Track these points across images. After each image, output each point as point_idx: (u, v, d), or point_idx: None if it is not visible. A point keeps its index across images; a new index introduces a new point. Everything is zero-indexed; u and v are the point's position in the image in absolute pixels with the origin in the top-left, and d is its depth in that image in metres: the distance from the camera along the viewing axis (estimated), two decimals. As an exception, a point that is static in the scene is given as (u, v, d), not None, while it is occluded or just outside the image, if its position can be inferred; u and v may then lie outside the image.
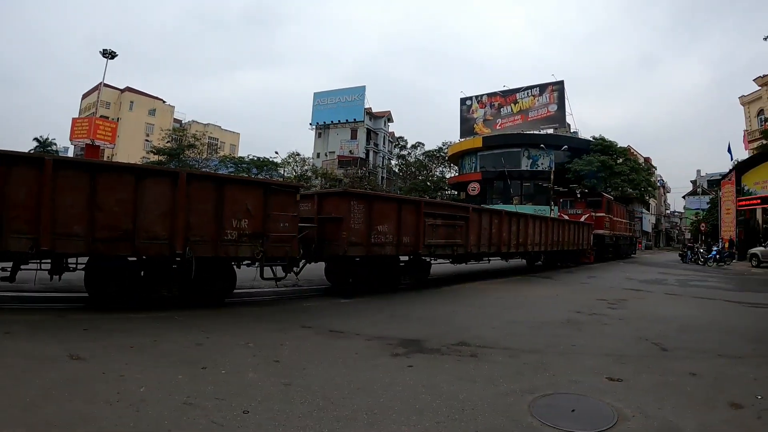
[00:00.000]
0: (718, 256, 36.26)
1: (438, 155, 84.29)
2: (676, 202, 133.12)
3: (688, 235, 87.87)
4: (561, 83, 69.89)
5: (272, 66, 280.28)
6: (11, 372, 5.78)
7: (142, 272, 10.64)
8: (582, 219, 34.58)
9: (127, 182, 9.61)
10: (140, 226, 9.68)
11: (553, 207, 49.23)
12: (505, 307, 12.72)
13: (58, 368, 6.03)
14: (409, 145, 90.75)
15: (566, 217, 33.65)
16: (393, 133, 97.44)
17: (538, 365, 6.97)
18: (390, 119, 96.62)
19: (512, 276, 21.55)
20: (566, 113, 69.46)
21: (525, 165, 63.98)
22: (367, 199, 14.06)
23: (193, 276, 10.19)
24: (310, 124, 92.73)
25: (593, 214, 36.79)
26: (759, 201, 39.81)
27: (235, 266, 11.65)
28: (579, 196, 41.94)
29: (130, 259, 10.29)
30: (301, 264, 12.98)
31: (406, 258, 16.10)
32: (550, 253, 27.47)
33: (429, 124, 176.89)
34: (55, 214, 8.88)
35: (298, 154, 78.90)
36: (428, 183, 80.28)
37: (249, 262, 11.69)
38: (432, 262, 17.97)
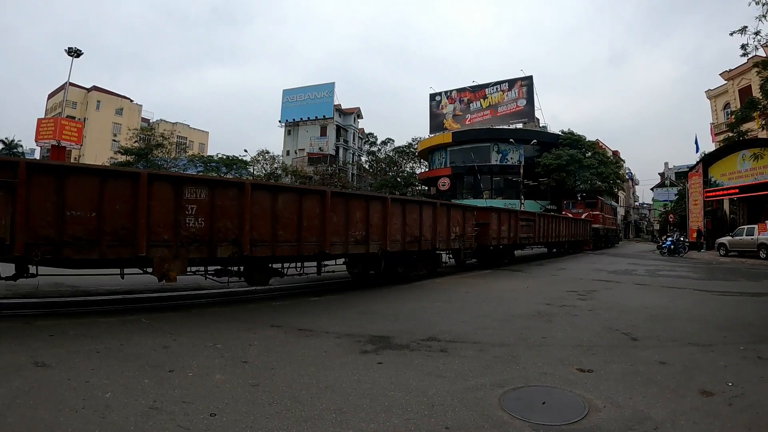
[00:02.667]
0: (672, 247, 36.96)
1: (408, 151, 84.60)
2: (644, 194, 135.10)
3: (656, 226, 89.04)
4: (530, 78, 70.49)
5: (240, 63, 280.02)
6: (-27, 382, 5.63)
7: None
8: (583, 216, 43.91)
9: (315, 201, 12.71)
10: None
11: (523, 201, 50.95)
12: (475, 300, 12.73)
13: (22, 376, 5.88)
14: (378, 142, 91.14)
15: (570, 216, 40.90)
16: (363, 129, 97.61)
17: (508, 359, 6.98)
18: (360, 116, 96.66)
19: (483, 269, 21.57)
20: (535, 108, 70.23)
21: (495, 159, 64.26)
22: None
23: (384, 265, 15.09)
24: (279, 121, 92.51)
25: (591, 212, 46.87)
26: (728, 191, 40.50)
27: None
28: (579, 198, 51.14)
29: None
30: None
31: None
32: (564, 243, 35.55)
33: (398, 120, 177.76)
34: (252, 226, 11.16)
35: (268, 152, 78.74)
36: (398, 179, 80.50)
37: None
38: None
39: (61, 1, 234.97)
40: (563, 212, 45.30)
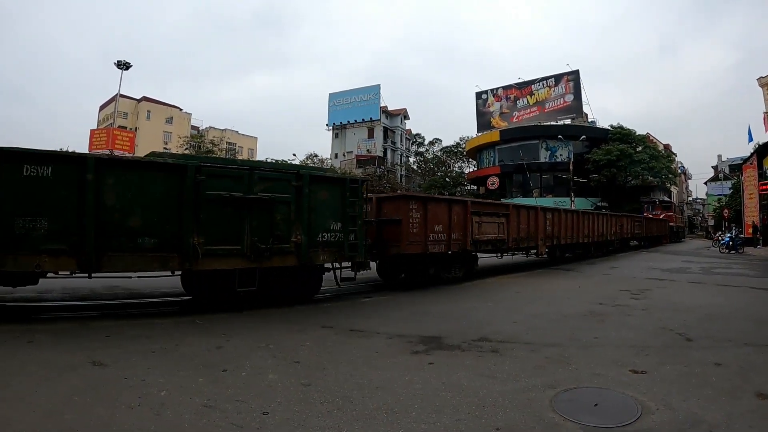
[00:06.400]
0: (731, 243, 35.77)
1: (456, 151, 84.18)
2: (698, 188, 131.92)
3: (711, 222, 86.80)
4: (576, 73, 69.22)
5: (285, 68, 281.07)
6: (33, 380, 5.83)
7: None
8: (661, 217, 52.72)
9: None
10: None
11: (573, 199, 50.51)
12: (526, 300, 12.66)
13: (79, 375, 6.07)
14: (426, 142, 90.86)
15: (651, 216, 48.91)
16: (410, 130, 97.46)
17: (559, 359, 6.92)
18: (406, 116, 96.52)
19: (535, 269, 21.37)
20: (583, 103, 68.90)
21: (543, 157, 63.34)
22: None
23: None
24: (327, 124, 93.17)
25: (666, 213, 55.90)
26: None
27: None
28: (658, 202, 60.36)
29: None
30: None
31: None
32: (646, 238, 42.90)
33: (445, 120, 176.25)
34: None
35: (316, 155, 79.11)
36: (447, 179, 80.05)
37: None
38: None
39: (108, 16, 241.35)
40: (644, 213, 50.30)
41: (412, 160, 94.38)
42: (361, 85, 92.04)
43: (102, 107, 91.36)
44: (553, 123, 67.74)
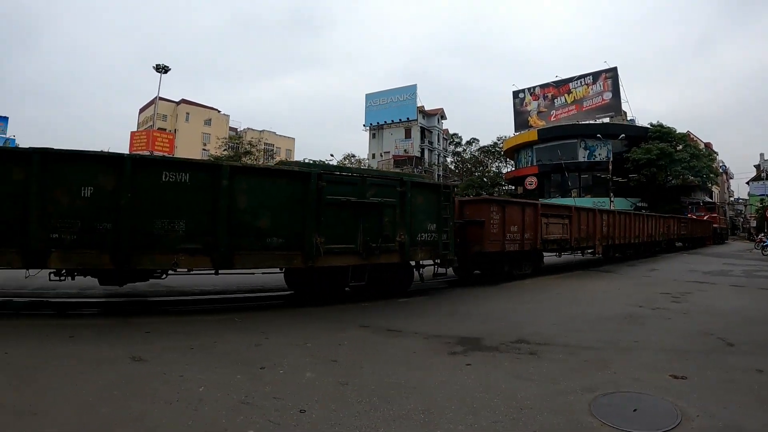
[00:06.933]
0: None
1: (493, 150, 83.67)
2: (740, 188, 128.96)
3: (753, 223, 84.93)
4: (614, 70, 67.90)
5: (320, 69, 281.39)
6: (71, 374, 5.98)
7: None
8: (705, 218, 52.28)
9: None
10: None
11: (613, 199, 49.97)
12: (565, 302, 12.54)
13: (118, 369, 6.20)
14: (463, 142, 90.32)
15: (695, 218, 48.92)
16: (447, 130, 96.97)
17: (598, 362, 6.84)
18: (443, 116, 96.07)
19: (575, 270, 21.16)
20: (621, 101, 67.61)
21: (582, 156, 62.45)
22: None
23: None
24: (364, 125, 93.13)
25: (710, 215, 55.45)
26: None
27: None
28: (702, 203, 59.66)
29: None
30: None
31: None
32: (690, 239, 42.95)
33: (482, 119, 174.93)
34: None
35: (353, 156, 79.22)
36: (485, 179, 79.56)
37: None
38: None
39: (146, 21, 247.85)
40: (688, 215, 50.64)
41: (449, 160, 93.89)
42: (397, 85, 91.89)
43: (141, 110, 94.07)
44: (592, 122, 66.65)
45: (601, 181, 57.20)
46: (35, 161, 8.79)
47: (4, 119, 78.29)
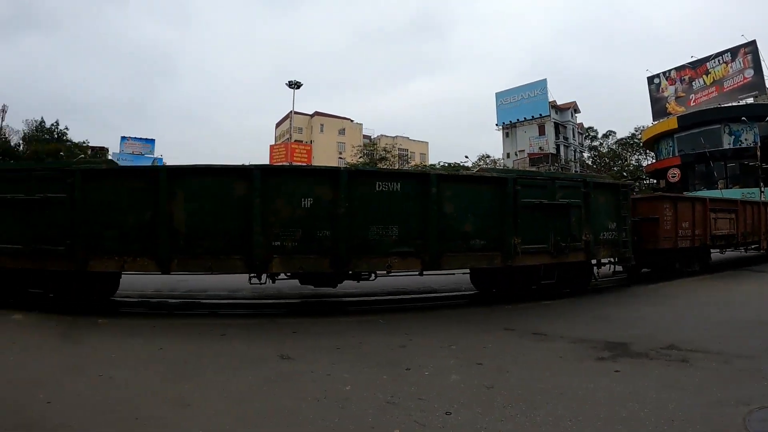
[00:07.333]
0: None
1: (632, 142, 79.89)
2: None
3: None
4: (753, 43, 60.00)
5: (446, 71, 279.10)
6: (225, 369, 6.37)
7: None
8: None
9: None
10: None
11: (763, 189, 45.56)
12: (717, 305, 11.81)
13: (268, 367, 6.54)
14: (600, 135, 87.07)
15: None
16: (581, 124, 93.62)
17: (754, 372, 6.38)
18: (576, 110, 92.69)
19: (723, 270, 19.98)
20: (764, 77, 61.63)
21: (727, 143, 56.59)
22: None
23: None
24: (496, 124, 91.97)
25: None
26: None
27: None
28: None
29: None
30: None
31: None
32: None
33: (617, 109, 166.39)
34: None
35: (488, 156, 78.48)
36: (624, 173, 76.25)
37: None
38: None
39: (271, 41, 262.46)
40: None
41: (586, 155, 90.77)
42: (525, 81, 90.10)
43: (278, 124, 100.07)
44: (735, 104, 60.25)
45: (749, 170, 51.30)
46: (256, 176, 9.76)
47: (151, 141, 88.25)
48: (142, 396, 5.50)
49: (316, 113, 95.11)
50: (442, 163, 72.61)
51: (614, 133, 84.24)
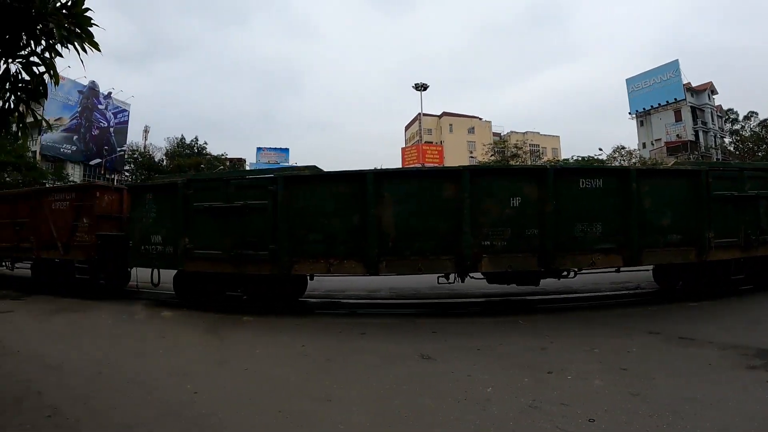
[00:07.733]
0: None
1: (777, 123, 73.33)
2: None
3: None
4: None
5: (570, 61, 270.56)
6: (366, 367, 6.68)
7: None
8: None
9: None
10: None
11: None
12: None
13: (408, 366, 6.79)
14: (741, 117, 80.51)
15: None
16: (720, 106, 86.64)
17: None
18: (714, 91, 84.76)
19: None
20: None
21: None
22: None
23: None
24: (629, 113, 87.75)
25: None
26: None
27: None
28: None
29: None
30: None
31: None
32: None
33: (758, 86, 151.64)
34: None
35: (623, 148, 75.03)
36: (770, 159, 70.01)
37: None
38: None
39: (391, 45, 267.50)
40: None
41: (727, 140, 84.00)
42: (655, 64, 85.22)
43: (407, 127, 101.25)
44: None
45: None
46: (465, 177, 10.18)
47: (286, 150, 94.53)
48: (284, 390, 5.92)
49: (444, 113, 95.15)
50: (575, 157, 70.01)
51: (756, 114, 77.21)
